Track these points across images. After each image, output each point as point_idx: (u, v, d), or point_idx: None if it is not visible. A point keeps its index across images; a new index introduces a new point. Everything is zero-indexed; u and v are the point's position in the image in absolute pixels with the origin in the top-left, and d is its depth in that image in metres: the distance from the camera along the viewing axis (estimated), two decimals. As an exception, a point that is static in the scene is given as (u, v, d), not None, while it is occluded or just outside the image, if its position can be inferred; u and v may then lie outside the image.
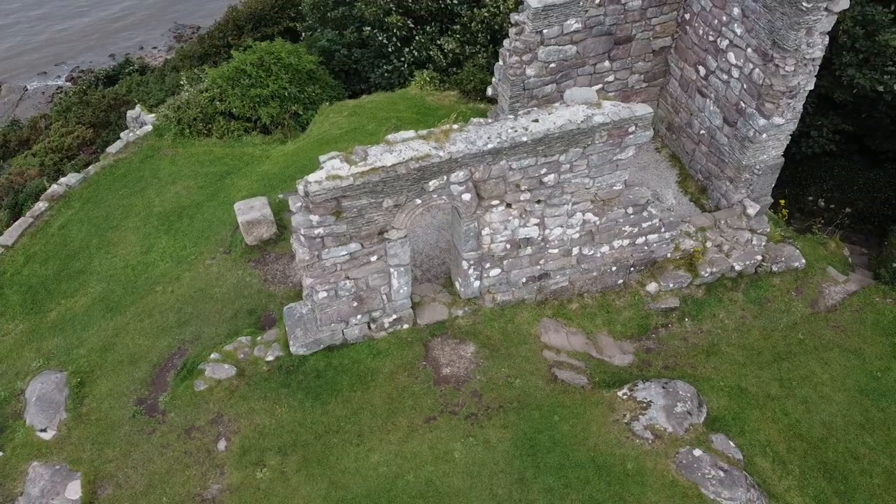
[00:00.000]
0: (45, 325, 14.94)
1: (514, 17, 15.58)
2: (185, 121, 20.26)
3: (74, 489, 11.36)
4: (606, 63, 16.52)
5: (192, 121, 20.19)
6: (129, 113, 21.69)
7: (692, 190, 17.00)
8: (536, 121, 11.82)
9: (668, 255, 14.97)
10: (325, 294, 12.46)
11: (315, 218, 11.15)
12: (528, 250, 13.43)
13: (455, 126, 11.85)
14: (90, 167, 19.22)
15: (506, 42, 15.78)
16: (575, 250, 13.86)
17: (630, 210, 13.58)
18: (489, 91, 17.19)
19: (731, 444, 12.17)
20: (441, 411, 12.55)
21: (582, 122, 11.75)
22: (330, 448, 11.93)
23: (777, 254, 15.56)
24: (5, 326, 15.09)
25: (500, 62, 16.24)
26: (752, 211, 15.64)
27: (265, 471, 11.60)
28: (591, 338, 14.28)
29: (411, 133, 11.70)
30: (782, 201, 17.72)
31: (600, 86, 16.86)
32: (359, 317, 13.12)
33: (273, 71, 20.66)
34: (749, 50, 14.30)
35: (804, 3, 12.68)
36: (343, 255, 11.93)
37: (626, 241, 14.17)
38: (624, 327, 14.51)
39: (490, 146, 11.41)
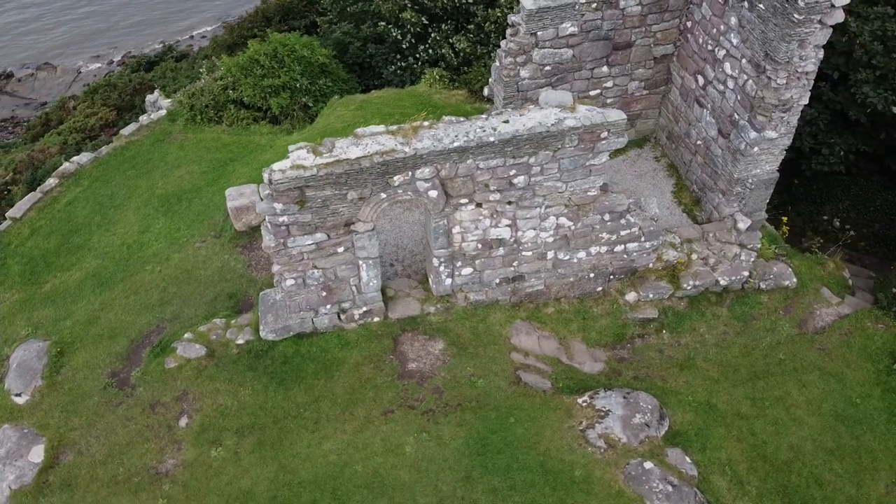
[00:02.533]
0: (39, 296, 15.57)
1: (511, 17, 15.58)
2: (197, 107, 20.80)
3: (38, 453, 11.84)
4: (605, 68, 16.36)
5: (204, 108, 20.72)
6: (148, 97, 22.39)
7: (686, 201, 16.73)
8: (507, 122, 11.82)
9: (650, 265, 14.77)
10: (292, 282, 12.69)
11: (279, 206, 11.38)
12: (501, 251, 13.43)
13: (425, 123, 11.95)
14: (103, 147, 19.90)
15: (502, 43, 15.79)
16: (550, 254, 13.80)
17: (607, 217, 13.46)
18: (486, 91, 17.21)
19: (688, 459, 11.98)
20: (400, 405, 12.66)
21: (552, 125, 11.71)
22: (286, 433, 12.16)
23: (766, 271, 15.20)
24: (3, 295, 15.78)
25: (497, 63, 16.26)
26: (742, 225, 15.31)
27: (220, 450, 11.89)
28: (563, 343, 14.20)
29: (381, 127, 11.84)
30: (784, 218, 17.31)
31: (598, 91, 16.74)
32: (328, 307, 13.31)
33: (286, 62, 21.04)
34: (744, 61, 14.02)
35: (795, 15, 12.38)
36: (309, 245, 12.13)
37: (603, 248, 14.04)
38: (599, 335, 14.38)
39: (456, 144, 11.47)
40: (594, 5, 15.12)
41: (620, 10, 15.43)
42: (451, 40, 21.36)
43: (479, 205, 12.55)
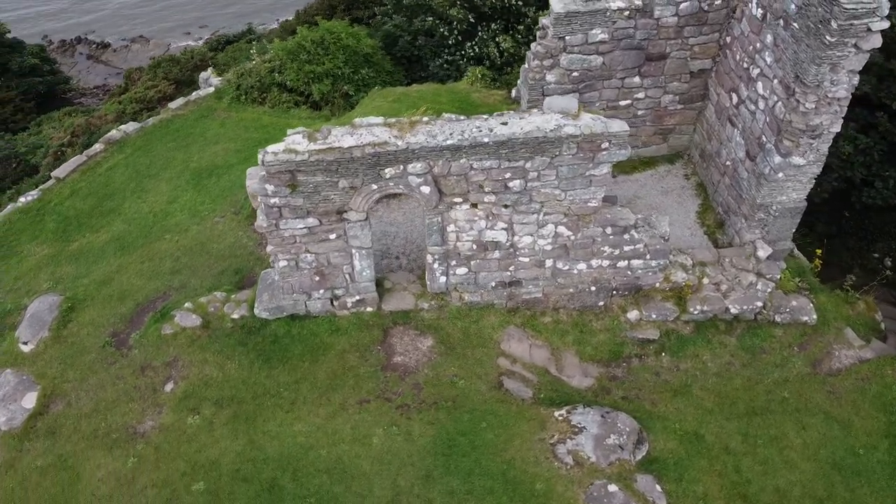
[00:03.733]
0: (65, 253, 16.41)
1: (542, 20, 15.36)
2: (243, 87, 21.43)
3: (31, 399, 12.50)
4: (636, 79, 15.91)
5: (249, 88, 21.32)
6: (202, 74, 23.23)
7: (710, 223, 16.10)
8: (505, 124, 11.67)
9: (657, 284, 14.30)
10: (285, 263, 12.93)
11: (270, 187, 11.61)
12: (497, 254, 13.28)
13: (424, 119, 11.93)
14: (150, 119, 20.77)
15: (532, 45, 15.59)
16: (548, 262, 13.55)
17: (609, 230, 13.11)
18: (513, 93, 17.04)
19: (658, 488, 11.55)
20: (377, 396, 12.71)
21: (551, 130, 11.48)
22: (262, 409, 12.41)
23: (784, 303, 14.46)
24: (35, 249, 16.71)
25: (526, 65, 16.07)
26: (762, 253, 14.61)
27: (196, 418, 12.24)
28: (555, 354, 13.92)
29: (379, 119, 11.91)
30: (818, 251, 16.42)
31: (629, 101, 16.30)
32: (321, 291, 13.50)
33: (331, 50, 21.41)
34: (775, 81, 13.37)
35: (827, 37, 11.72)
36: (301, 228, 12.32)
37: (605, 262, 13.68)
38: (595, 350, 14.03)
39: (449, 142, 11.40)
40: (626, 13, 14.72)
41: (655, 20, 14.97)
42: (497, 39, 21.23)
43: (474, 205, 12.44)
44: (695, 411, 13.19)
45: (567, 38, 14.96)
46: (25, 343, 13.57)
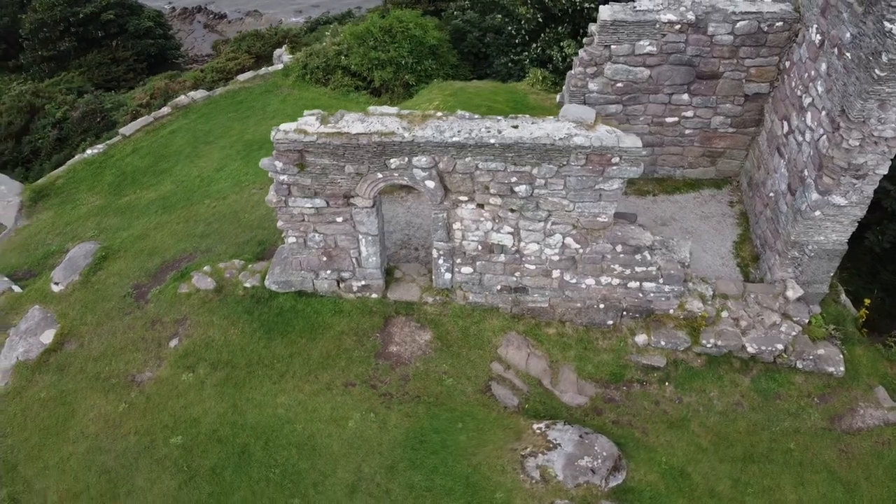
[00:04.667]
0: (115, 206, 17.46)
1: (591, 26, 15.00)
2: (309, 67, 22.05)
3: (48, 336, 13.42)
4: (685, 96, 15.28)
5: (315, 68, 21.91)
6: (276, 51, 24.03)
7: (745, 255, 15.30)
8: (515, 127, 11.51)
9: (671, 311, 13.73)
10: (294, 240, 13.26)
11: (279, 164, 11.93)
12: (502, 257, 13.12)
13: (438, 113, 11.93)
14: (218, 88, 21.71)
15: (580, 51, 15.25)
16: (555, 273, 13.27)
17: (619, 248, 12.69)
18: (558, 98, 16.72)
19: (623, 518, 11.16)
20: (364, 381, 12.87)
21: (560, 139, 11.23)
22: (251, 377, 12.81)
23: (808, 350, 13.58)
24: (90, 198, 17.87)
25: (572, 70, 15.73)
26: (791, 294, 13.77)
27: (190, 376, 12.79)
28: (553, 367, 13.64)
29: (393, 109, 12.01)
30: (867, 300, 15.28)
31: (676, 119, 15.70)
32: (328, 272, 13.76)
33: (398, 38, 21.66)
34: (823, 113, 12.55)
35: (877, 71, 10.88)
36: (309, 208, 12.60)
37: (615, 280, 13.26)
38: (595, 369, 13.65)
39: (455, 139, 11.35)
40: (677, 27, 14.15)
41: (708, 37, 14.32)
42: (561, 43, 20.87)
43: (480, 206, 12.34)
44: (687, 447, 12.63)
45: (613, 46, 14.55)
46: (57, 284, 14.56)
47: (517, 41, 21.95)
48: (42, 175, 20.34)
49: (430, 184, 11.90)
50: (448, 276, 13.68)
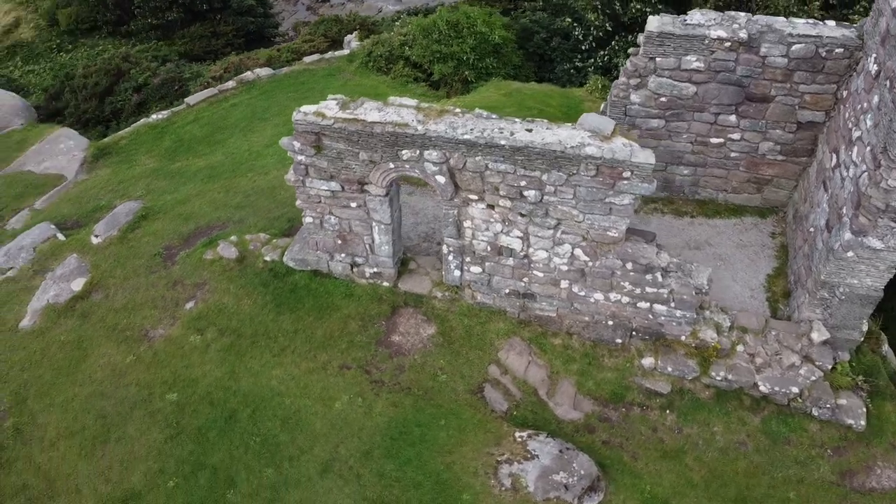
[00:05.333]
0: (166, 170, 18.36)
1: (640, 37, 14.58)
2: (373, 55, 22.41)
3: (79, 284, 14.29)
4: (732, 117, 14.64)
5: (378, 57, 22.25)
6: (347, 36, 24.55)
7: (777, 290, 14.54)
8: (529, 130, 11.37)
9: (682, 337, 13.23)
10: (311, 220, 13.58)
11: (297, 144, 12.24)
12: (511, 261, 13.00)
13: (457, 110, 11.93)
14: (284, 68, 22.40)
15: (626, 61, 14.89)
16: (564, 283, 13.02)
17: (629, 266, 12.32)
18: (602, 107, 16.33)
19: (589, 541, 10.88)
20: (360, 366, 13.06)
21: (571, 147, 11.01)
22: (254, 347, 13.23)
23: (827, 398, 12.80)
24: (146, 160, 18.86)
25: (617, 80, 15.36)
26: (817, 336, 13.00)
27: (198, 338, 13.33)
28: (552, 378, 13.42)
29: (412, 101, 12.09)
30: (910, 354, 14.26)
31: (721, 140, 15.07)
32: (342, 255, 14.02)
33: (463, 34, 21.70)
34: (868, 148, 11.78)
35: (923, 108, 10.13)
36: (325, 190, 12.87)
37: (624, 298, 12.89)
38: (597, 386, 13.33)
39: (466, 136, 11.32)
40: (728, 44, 13.57)
41: (760, 58, 13.66)
42: (629, 52, 20.32)
43: (490, 206, 12.26)
44: (676, 479, 12.17)
45: (658, 59, 14.11)
46: (97, 237, 15.47)
47: (584, 47, 21.56)
48: (116, 135, 21.62)
49: (441, 179, 11.92)
50: (457, 273, 13.66)
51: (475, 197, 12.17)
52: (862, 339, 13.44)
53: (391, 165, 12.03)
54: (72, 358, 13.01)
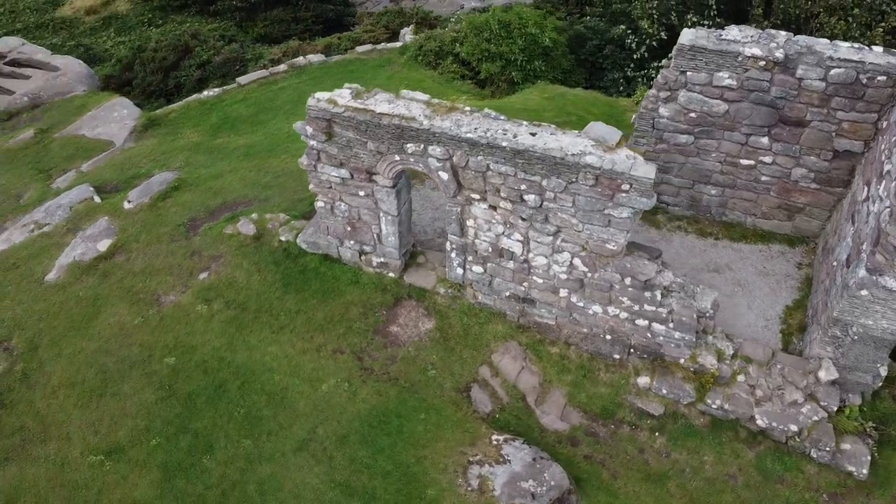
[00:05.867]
0: (208, 145, 19.06)
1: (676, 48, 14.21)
2: (424, 49, 22.59)
3: (105, 245, 15.04)
4: (764, 139, 14.10)
5: (428, 51, 22.41)
6: (403, 29, 24.81)
7: (793, 322, 13.94)
8: (533, 134, 11.28)
9: (681, 360, 12.87)
10: (322, 205, 13.86)
11: (309, 129, 12.52)
12: (511, 264, 12.93)
13: (467, 108, 11.95)
14: (335, 55, 22.85)
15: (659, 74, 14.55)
16: (563, 291, 12.87)
17: (628, 280, 12.07)
18: (633, 119, 15.96)
19: (548, 553, 10.74)
20: (353, 352, 13.26)
21: (571, 154, 10.87)
22: (255, 322, 13.62)
23: (828, 441, 12.22)
24: (190, 134, 19.62)
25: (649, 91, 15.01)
26: (824, 375, 12.42)
27: (204, 308, 13.83)
28: (544, 386, 13.29)
29: (424, 96, 12.18)
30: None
31: (752, 162, 14.53)
32: (351, 242, 14.25)
33: (514, 34, 21.61)
34: (894, 183, 11.16)
35: (946, 144, 9.54)
36: (335, 177, 13.11)
37: (623, 314, 12.63)
38: (588, 399, 13.13)
39: (469, 135, 11.33)
40: (762, 63, 13.07)
41: (797, 80, 13.11)
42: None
43: (493, 207, 12.23)
44: (653, 503, 11.86)
45: (689, 73, 13.73)
46: (129, 202, 16.23)
47: (636, 56, 21.11)
48: (173, 109, 22.57)
49: (444, 175, 11.97)
50: (460, 271, 13.69)
51: (477, 196, 12.16)
52: (878, 384, 12.73)
53: (397, 157, 12.15)
54: (85, 314, 13.72)
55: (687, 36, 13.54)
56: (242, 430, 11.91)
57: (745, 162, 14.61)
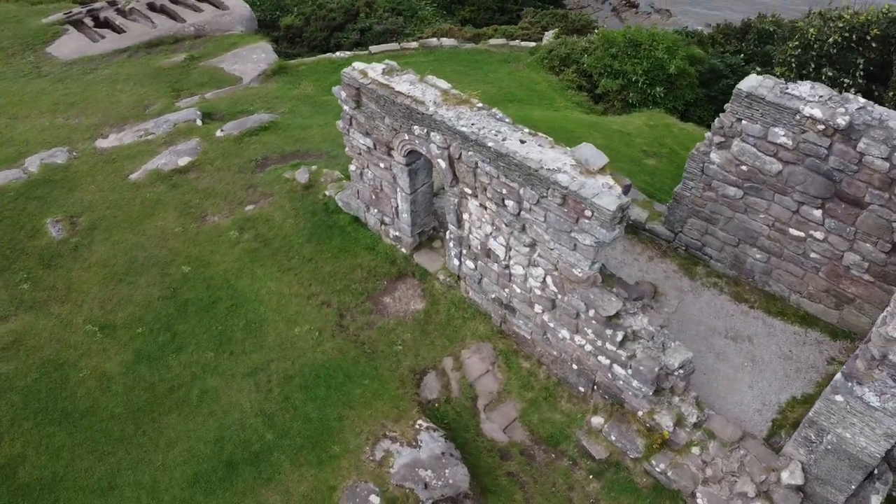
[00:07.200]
0: (315, 99, 20.73)
1: (742, 93, 13.24)
2: (552, 53, 22.60)
3: (184, 161, 17.11)
4: (816, 212, 12.78)
5: (555, 56, 22.40)
6: (547, 32, 24.90)
7: (792, 415, 12.63)
8: (523, 142, 11.25)
9: (640, 413, 12.21)
10: (354, 168, 14.76)
11: (343, 94, 13.40)
12: (496, 266, 12.98)
13: (479, 104, 12.16)
14: (468, 44, 23.52)
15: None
16: (537, 307, 12.70)
17: (591, 312, 11.66)
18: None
19: (417, 542, 10.88)
20: (338, 308, 14.06)
21: (547, 169, 10.73)
22: (270, 258, 14.88)
23: (771, 547, 11.09)
24: (307, 87, 21.55)
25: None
26: (787, 477, 11.25)
27: (235, 234, 15.34)
28: (500, 396, 13.26)
29: (445, 85, 12.55)
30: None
31: (802, 234, 13.21)
32: (375, 210, 15.03)
33: (640, 55, 20.98)
34: (903, 287, 9.80)
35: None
36: (363, 144, 13.91)
37: (588, 346, 12.22)
38: (540, 422, 12.92)
39: (464, 129, 11.56)
40: (821, 127, 11.84)
41: (857, 154, 11.75)
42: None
43: (483, 206, 12.37)
44: (555, 542, 11.51)
45: (744, 122, 12.76)
46: (221, 132, 18.26)
47: (762, 102, 19.50)
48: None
49: (442, 163, 12.31)
50: (456, 262, 13.95)
51: (470, 192, 12.35)
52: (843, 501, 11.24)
53: (406, 137, 12.68)
54: (143, 213, 15.84)
55: (748, 82, 12.58)
56: (212, 343, 13.24)
57: (794, 232, 13.28)
